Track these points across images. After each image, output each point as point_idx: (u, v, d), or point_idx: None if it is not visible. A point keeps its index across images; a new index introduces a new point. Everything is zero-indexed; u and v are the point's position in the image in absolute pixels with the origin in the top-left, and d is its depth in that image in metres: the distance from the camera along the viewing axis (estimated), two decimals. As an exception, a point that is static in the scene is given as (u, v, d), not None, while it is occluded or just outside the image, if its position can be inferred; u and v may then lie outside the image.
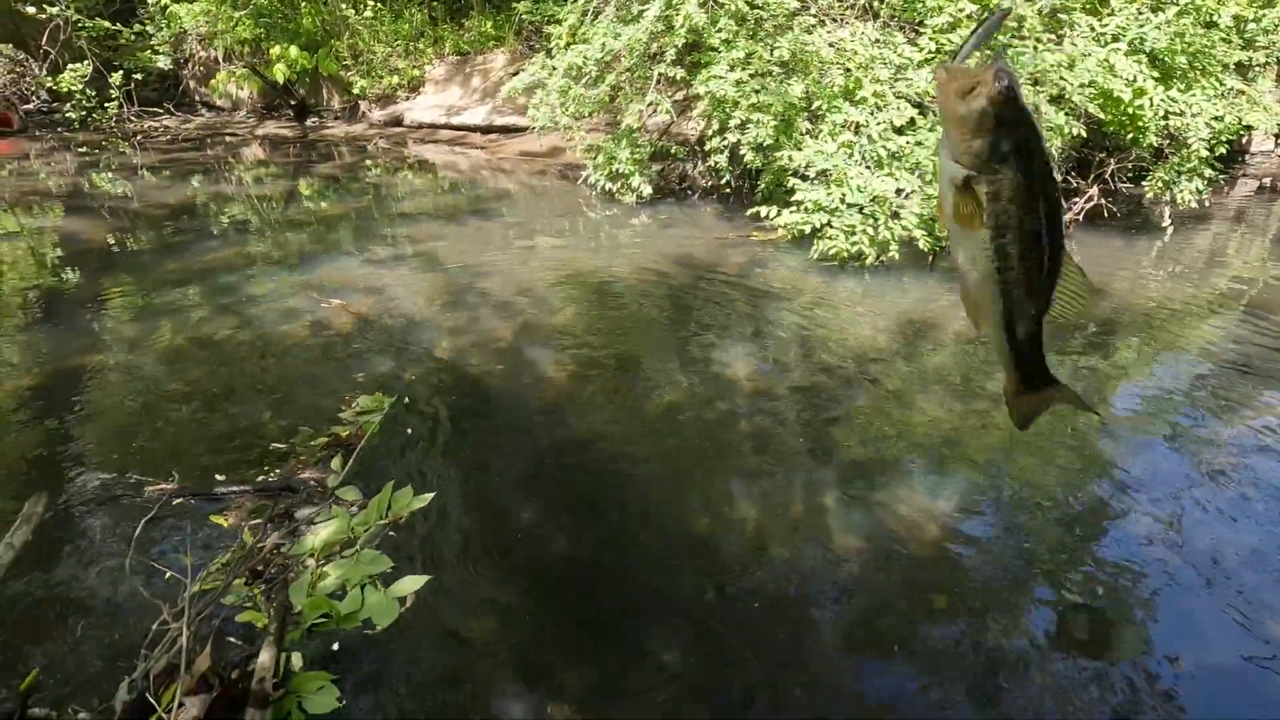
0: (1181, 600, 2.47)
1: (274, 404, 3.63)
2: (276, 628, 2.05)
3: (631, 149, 7.22)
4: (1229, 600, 2.46)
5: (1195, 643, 2.31)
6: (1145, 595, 2.50)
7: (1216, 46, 5.42)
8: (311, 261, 5.95)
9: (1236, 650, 2.28)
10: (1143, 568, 2.61)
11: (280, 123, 13.64)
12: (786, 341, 4.45)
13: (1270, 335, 4.54)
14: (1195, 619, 2.40)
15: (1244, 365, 4.19)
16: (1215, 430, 3.55)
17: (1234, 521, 2.85)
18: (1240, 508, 2.93)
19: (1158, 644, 2.31)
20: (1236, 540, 2.74)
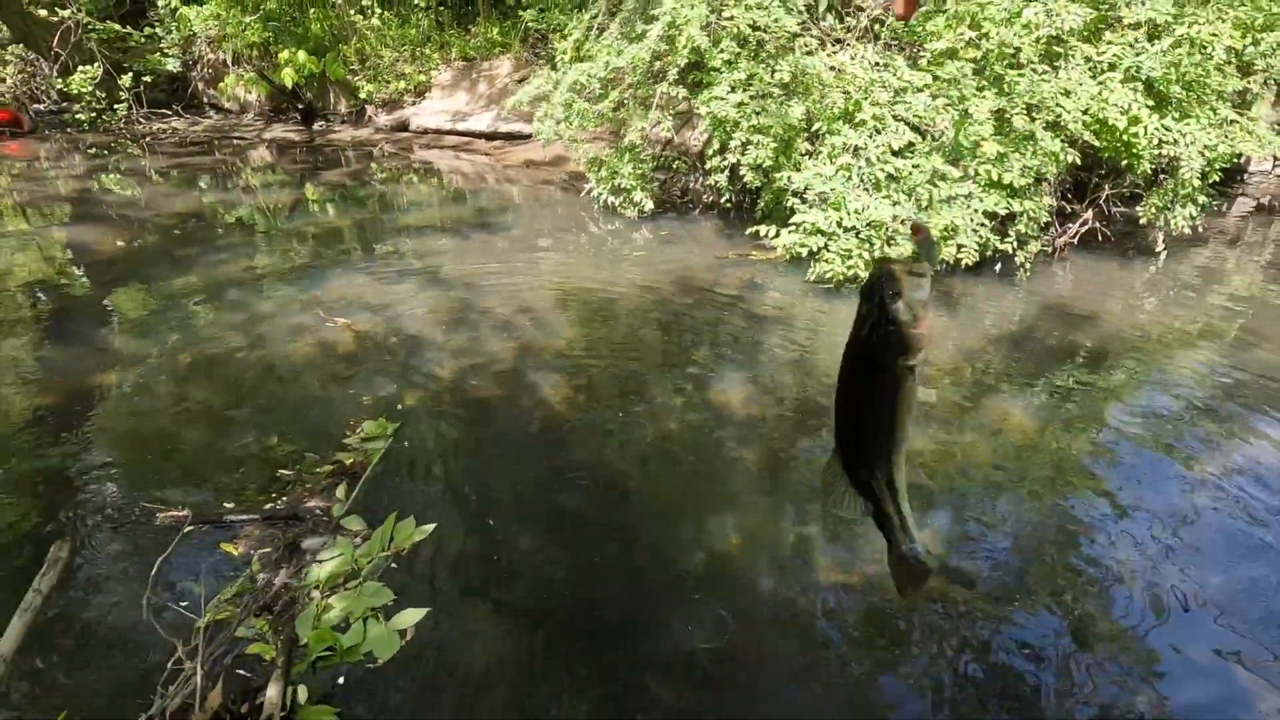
0: (1169, 622, 2.57)
1: (281, 427, 3.74)
2: (284, 661, 2.16)
3: (634, 164, 7.31)
4: (1217, 624, 2.55)
5: (1182, 662, 2.41)
6: (1133, 615, 2.60)
7: (1211, 75, 5.49)
8: (317, 276, 6.06)
9: (1222, 668, 2.37)
10: (1125, 590, 2.71)
11: (287, 126, 13.75)
12: (783, 365, 4.54)
13: (1262, 360, 4.61)
14: (1183, 641, 2.49)
15: (1236, 389, 4.27)
16: (1207, 454, 3.63)
17: (1223, 545, 2.94)
18: (1230, 531, 3.02)
19: (1143, 661, 2.41)
20: (1225, 562, 2.83)
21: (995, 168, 5.27)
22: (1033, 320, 5.29)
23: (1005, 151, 5.32)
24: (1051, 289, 5.86)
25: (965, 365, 4.61)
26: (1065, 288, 5.93)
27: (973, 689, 2.37)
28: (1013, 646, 2.53)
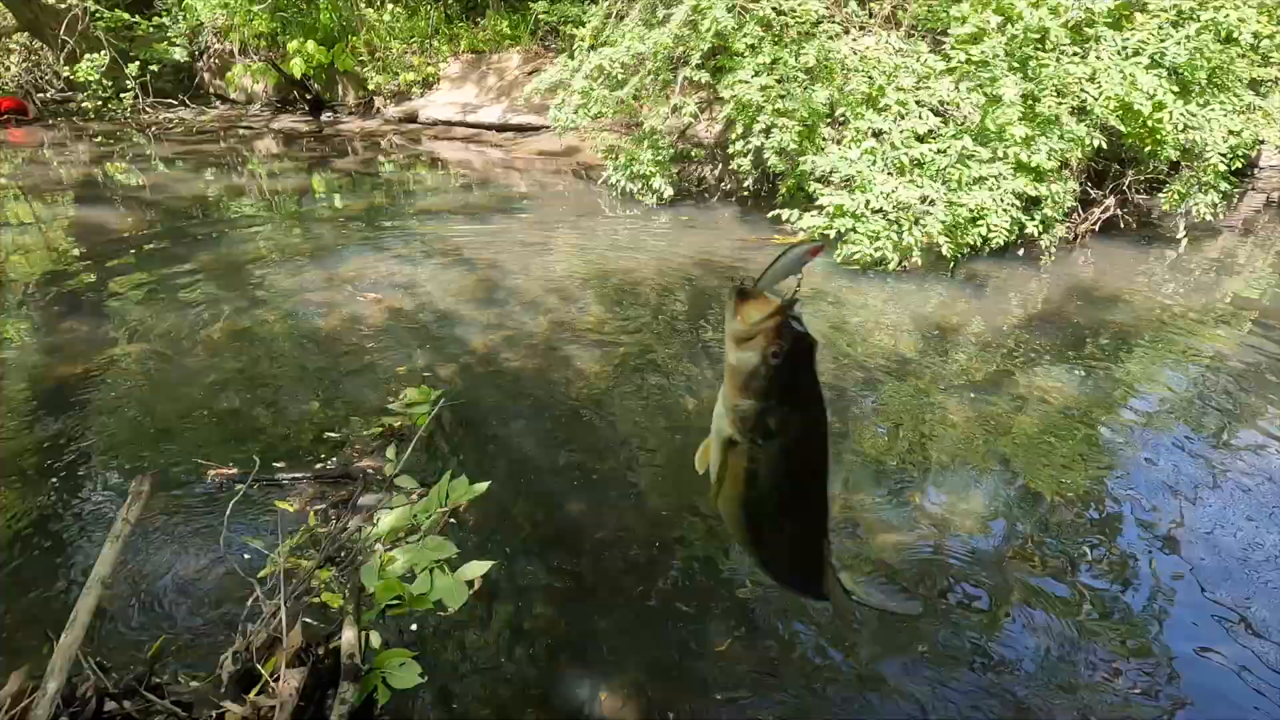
0: (1185, 601, 2.57)
1: (321, 395, 3.71)
2: (353, 608, 2.13)
3: (653, 150, 7.31)
4: (1231, 602, 2.56)
5: (1196, 641, 2.41)
6: (1148, 594, 2.60)
7: (1235, 62, 5.53)
8: (340, 255, 6.02)
9: (1235, 648, 2.38)
10: (1147, 567, 2.71)
11: (295, 117, 13.70)
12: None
13: (1276, 342, 4.65)
14: (1197, 620, 2.50)
15: (1254, 374, 4.29)
16: (1224, 435, 3.65)
17: (1241, 525, 2.95)
18: (1246, 512, 3.03)
19: (1159, 641, 2.41)
20: (1241, 542, 2.84)
21: (1024, 149, 5.29)
22: (1057, 302, 5.31)
23: (1032, 135, 5.34)
24: (1074, 273, 5.89)
25: (994, 342, 4.62)
26: (1087, 272, 5.95)
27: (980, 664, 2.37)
28: (1022, 620, 2.53)
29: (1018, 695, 2.19)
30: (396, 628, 2.31)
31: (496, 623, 2.40)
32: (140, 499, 1.71)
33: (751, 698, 2.18)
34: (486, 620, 2.41)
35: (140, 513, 1.69)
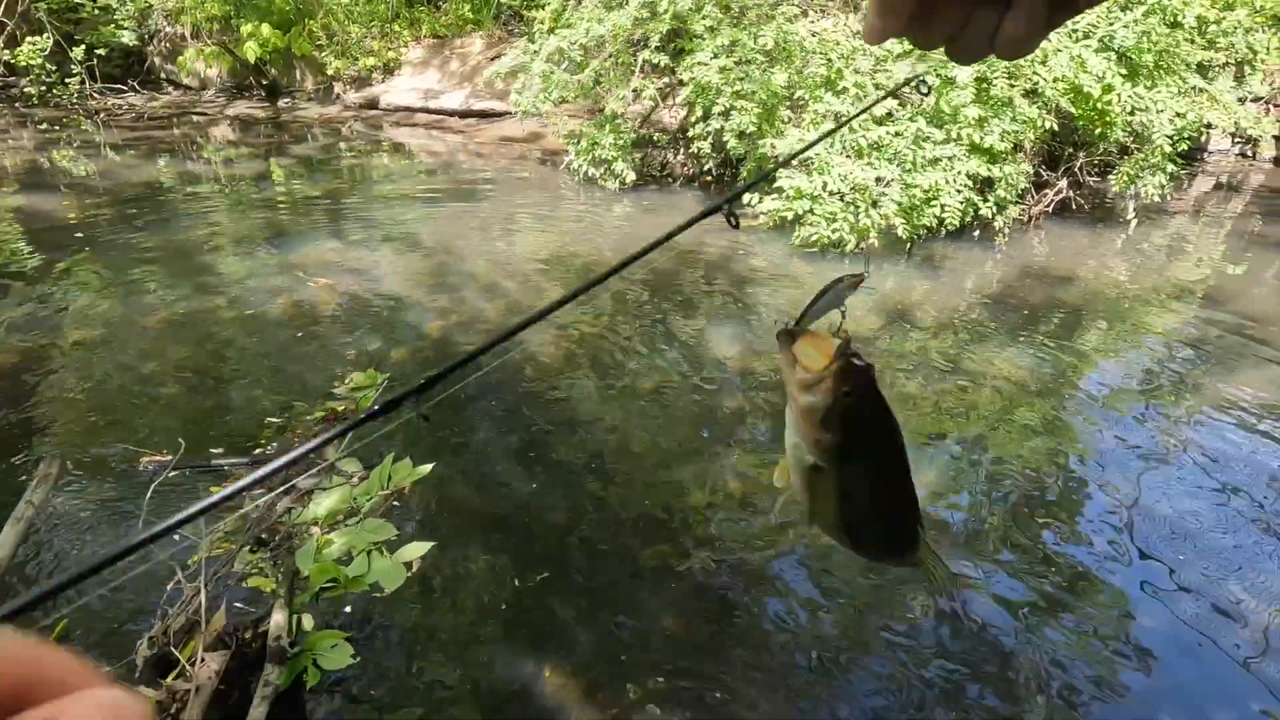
0: (1138, 572, 2.63)
1: (265, 381, 3.62)
2: (286, 591, 2.08)
3: (615, 135, 7.25)
4: (1183, 569, 2.63)
5: (1151, 612, 2.47)
6: (1104, 564, 2.66)
7: (1181, 45, 5.64)
8: (292, 242, 5.88)
9: (1188, 612, 2.44)
10: (1103, 537, 2.77)
11: (251, 103, 13.33)
12: (769, 324, 4.55)
13: (1225, 323, 4.78)
14: (1151, 591, 2.56)
15: (1200, 350, 4.41)
16: (1174, 410, 3.75)
17: (1190, 494, 3.03)
18: (1196, 481, 3.12)
19: (1117, 610, 2.47)
20: (1191, 510, 2.92)
21: (976, 131, 5.35)
22: (1012, 282, 5.39)
23: (985, 116, 5.40)
24: (1028, 254, 5.98)
25: (951, 322, 4.68)
26: (1041, 253, 6.05)
27: (939, 634, 2.40)
28: (983, 597, 2.57)
29: (978, 661, 2.22)
30: (333, 611, 2.26)
31: (438, 603, 2.36)
32: (47, 481, 1.64)
33: (699, 676, 2.18)
34: (428, 602, 2.37)
35: (46, 495, 1.62)
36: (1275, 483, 3.11)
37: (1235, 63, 7.77)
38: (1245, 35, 6.96)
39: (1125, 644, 2.31)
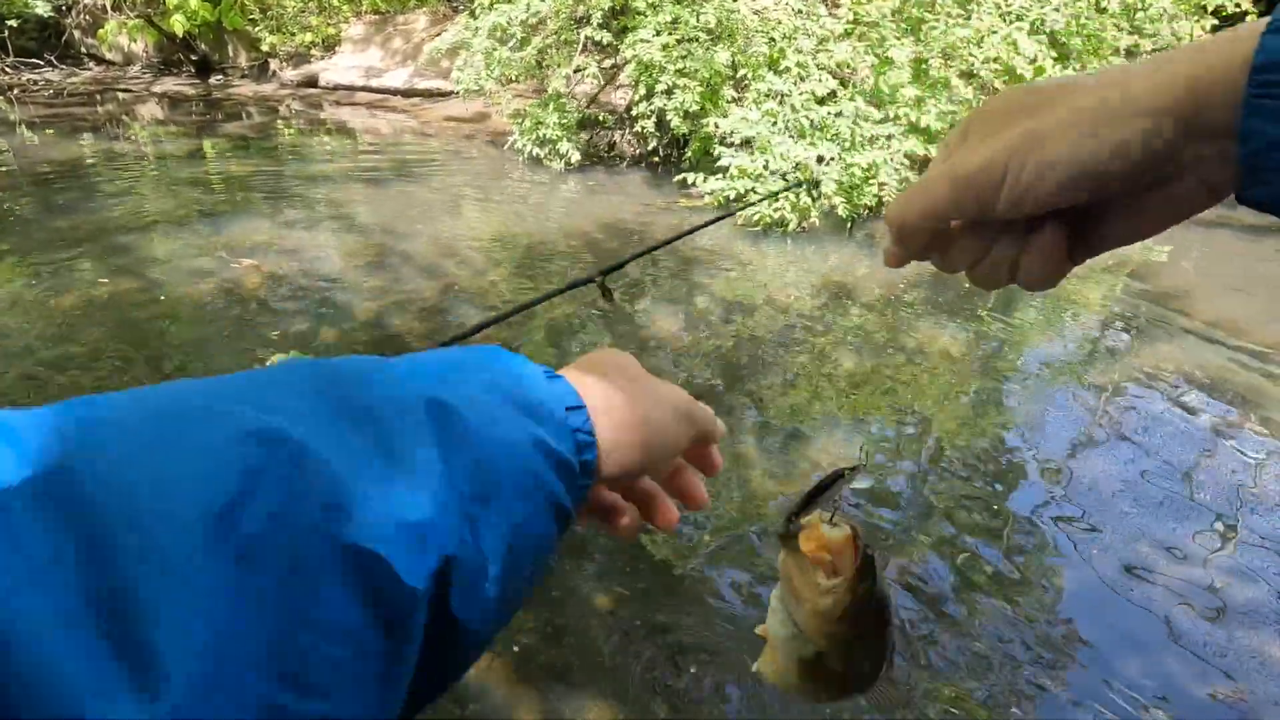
0: (1066, 534, 2.72)
1: (180, 365, 3.46)
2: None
3: (559, 114, 7.13)
4: (1106, 530, 2.73)
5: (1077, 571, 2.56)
6: (1041, 533, 2.74)
7: (1107, 29, 5.81)
8: (219, 222, 5.63)
9: (1120, 577, 2.53)
10: (1034, 502, 2.85)
11: (180, 79, 12.72)
12: (713, 303, 4.55)
13: (1150, 297, 4.97)
14: (1078, 552, 2.65)
15: (1129, 325, 4.58)
16: (1103, 381, 3.88)
17: (1115, 461, 3.14)
18: (1122, 449, 3.23)
19: (1051, 578, 2.54)
20: (1116, 476, 3.03)
21: (914, 111, 5.42)
22: (949, 261, 5.50)
23: (923, 96, 5.47)
24: (965, 234, 6.11)
25: (891, 300, 4.75)
26: (978, 233, 6.19)
27: (903, 574, 2.43)
28: (920, 564, 2.63)
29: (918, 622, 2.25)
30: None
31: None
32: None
33: (638, 655, 2.16)
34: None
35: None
36: (1192, 449, 3.25)
37: (1159, 49, 8.05)
38: (1170, 23, 7.21)
39: (1052, 602, 2.38)
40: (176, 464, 0.24)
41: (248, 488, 0.24)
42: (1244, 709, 2.06)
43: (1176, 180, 0.34)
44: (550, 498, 0.34)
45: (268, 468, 0.25)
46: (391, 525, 0.27)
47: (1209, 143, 0.31)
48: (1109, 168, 0.33)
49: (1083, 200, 0.35)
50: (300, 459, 0.26)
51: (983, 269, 0.40)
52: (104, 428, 0.25)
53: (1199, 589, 2.45)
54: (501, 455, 0.32)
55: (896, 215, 0.40)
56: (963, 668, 2.13)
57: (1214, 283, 5.17)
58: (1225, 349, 4.22)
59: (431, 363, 0.36)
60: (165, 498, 0.23)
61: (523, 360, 0.38)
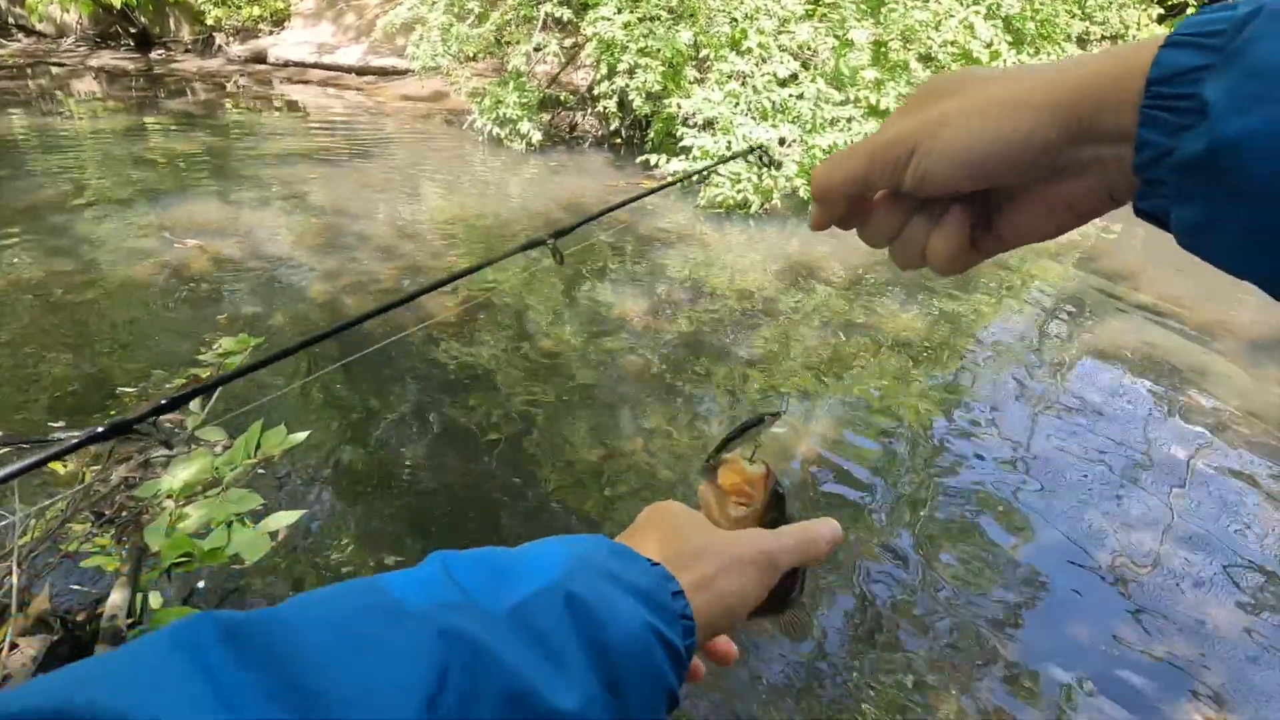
0: (1020, 506, 2.79)
1: (120, 349, 3.30)
2: (130, 568, 1.90)
3: (519, 93, 6.99)
4: (1059, 500, 2.80)
5: (1032, 540, 2.62)
6: (995, 503, 2.80)
7: (1060, 15, 5.91)
8: (162, 201, 5.38)
9: (1069, 545, 2.61)
10: (990, 475, 2.92)
11: (119, 53, 12.10)
12: (676, 283, 4.53)
13: (1100, 277, 5.11)
14: (1039, 523, 2.72)
15: (1080, 304, 4.70)
16: (1057, 357, 3.98)
17: (1067, 435, 3.23)
18: (1073, 423, 3.32)
19: (1003, 546, 2.60)
20: (1068, 449, 3.11)
21: (874, 93, 5.45)
22: (908, 243, 5.57)
23: (882, 79, 5.50)
24: (924, 217, 6.19)
25: (852, 282, 4.79)
26: (936, 216, 6.28)
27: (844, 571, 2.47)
28: (881, 537, 2.66)
29: (879, 593, 2.28)
30: (189, 588, 2.09)
31: (309, 574, 2.22)
32: None
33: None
34: (296, 573, 2.22)
35: None
36: (1138, 423, 3.36)
37: (1109, 36, 8.25)
38: (1119, 11, 7.39)
39: (1005, 569, 2.43)
40: (387, 661, 0.30)
41: (442, 683, 0.30)
42: (1186, 669, 2.14)
43: (1076, 179, 0.34)
44: (667, 687, 0.38)
45: (452, 664, 0.31)
46: (555, 717, 0.32)
47: (1107, 146, 0.32)
48: (996, 156, 0.34)
49: (978, 185, 0.36)
50: (477, 654, 0.32)
51: (898, 246, 0.41)
52: (318, 630, 0.30)
53: (1144, 555, 2.54)
54: (626, 645, 0.37)
55: (819, 179, 0.41)
56: (916, 633, 2.17)
57: (1160, 263, 5.34)
58: (1169, 327, 4.37)
59: (558, 556, 0.40)
60: (378, 696, 0.28)
61: (625, 546, 0.43)
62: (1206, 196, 0.28)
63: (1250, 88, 0.26)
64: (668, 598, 0.40)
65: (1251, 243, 0.27)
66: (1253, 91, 0.25)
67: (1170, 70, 0.28)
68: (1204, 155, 0.27)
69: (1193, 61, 0.27)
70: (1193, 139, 0.27)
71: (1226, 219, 0.28)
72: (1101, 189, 0.34)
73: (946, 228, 0.38)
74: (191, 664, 0.27)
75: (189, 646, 0.27)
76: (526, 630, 0.34)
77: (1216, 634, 2.26)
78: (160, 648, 0.28)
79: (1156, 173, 0.29)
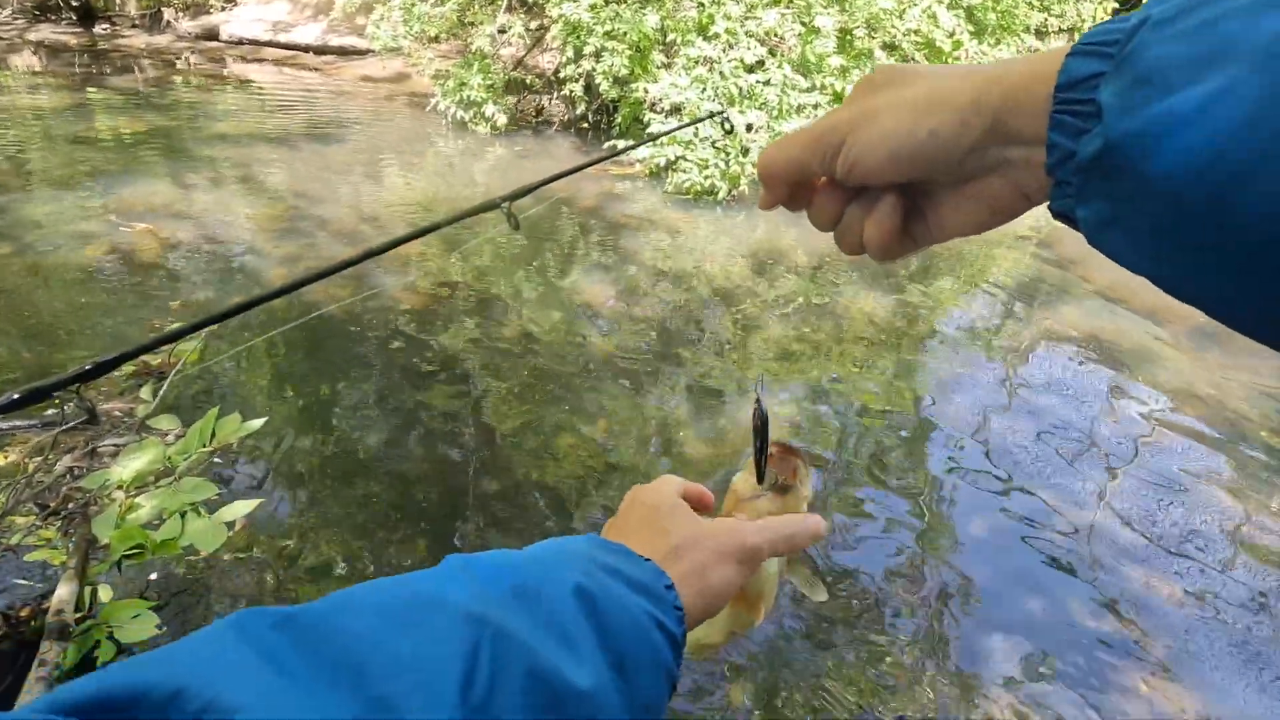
0: (978, 484, 2.86)
1: (64, 335, 3.17)
2: (78, 561, 1.83)
3: (483, 75, 6.86)
4: (1015, 480, 2.88)
5: (993, 523, 2.69)
6: (954, 484, 2.87)
7: (1019, 7, 6.02)
8: (108, 183, 5.16)
9: (1022, 523, 2.69)
10: (952, 461, 2.99)
11: (60, 27, 11.53)
12: (644, 270, 4.52)
13: (1055, 264, 5.25)
14: (995, 502, 2.79)
15: (1036, 291, 4.83)
16: (1013, 342, 4.08)
17: (1027, 417, 3.32)
18: (1030, 404, 3.42)
19: (961, 526, 2.67)
20: (1024, 430, 3.20)
21: (840, 80, 5.48)
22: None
23: (848, 66, 5.54)
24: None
25: (817, 268, 4.84)
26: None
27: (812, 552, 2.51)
28: (847, 515, 2.71)
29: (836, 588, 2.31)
30: (143, 581, 2.02)
31: (268, 565, 2.17)
32: None
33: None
34: (255, 563, 2.17)
35: None
36: (1090, 405, 3.47)
37: (1066, 29, 8.43)
38: (1075, 4, 7.55)
39: (963, 547, 2.50)
40: (428, 640, 0.33)
41: (475, 658, 0.33)
42: (1132, 641, 2.23)
43: (995, 177, 0.36)
44: (667, 670, 0.42)
45: (483, 642, 0.34)
46: (576, 693, 0.35)
47: (1019, 148, 0.33)
48: (918, 151, 0.35)
49: (903, 178, 0.37)
50: (501, 635, 0.35)
51: (839, 231, 0.42)
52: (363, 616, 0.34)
53: (1095, 532, 2.63)
54: (631, 631, 0.40)
55: (764, 162, 0.42)
56: (875, 609, 2.22)
57: (1111, 252, 5.50)
58: (1120, 311, 4.52)
59: (564, 554, 0.44)
60: (424, 671, 0.32)
61: (621, 545, 0.47)
62: (1104, 195, 0.29)
63: (1135, 91, 0.27)
64: (662, 590, 0.44)
65: (1143, 240, 0.29)
66: (1137, 95, 0.27)
67: (1074, 77, 0.30)
68: (1100, 156, 0.28)
69: (1092, 69, 0.29)
70: (1089, 141, 0.29)
71: (1121, 218, 0.29)
72: (1016, 189, 0.36)
73: (878, 215, 0.40)
74: (252, 649, 0.30)
75: (247, 637, 0.31)
76: (542, 617, 0.38)
77: (1160, 606, 2.36)
78: (223, 638, 0.31)
79: (1064, 174, 0.31)
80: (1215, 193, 0.25)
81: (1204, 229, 0.26)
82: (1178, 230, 0.27)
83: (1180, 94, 0.25)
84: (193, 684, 0.27)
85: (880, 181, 0.38)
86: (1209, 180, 0.25)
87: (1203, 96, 0.25)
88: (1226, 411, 3.52)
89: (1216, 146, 0.24)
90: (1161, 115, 0.26)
